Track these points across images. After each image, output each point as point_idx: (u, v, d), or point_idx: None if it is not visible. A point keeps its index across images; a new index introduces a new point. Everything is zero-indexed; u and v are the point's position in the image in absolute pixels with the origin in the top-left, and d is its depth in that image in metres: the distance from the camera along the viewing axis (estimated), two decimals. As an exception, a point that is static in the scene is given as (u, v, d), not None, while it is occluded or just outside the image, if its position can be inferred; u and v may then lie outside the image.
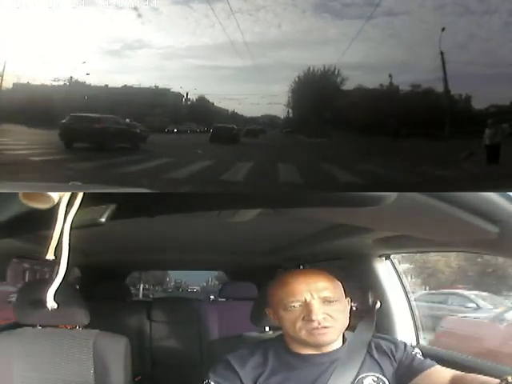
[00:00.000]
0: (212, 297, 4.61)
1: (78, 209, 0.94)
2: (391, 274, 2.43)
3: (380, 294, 2.35)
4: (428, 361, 1.54)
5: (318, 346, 1.51)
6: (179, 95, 12.22)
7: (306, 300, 1.48)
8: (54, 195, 0.91)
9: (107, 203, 1.01)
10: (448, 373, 1.51)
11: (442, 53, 11.09)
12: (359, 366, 1.52)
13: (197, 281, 10.52)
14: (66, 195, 0.93)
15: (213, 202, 1.13)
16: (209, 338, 3.33)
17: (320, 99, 12.28)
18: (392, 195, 1.12)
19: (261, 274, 3.66)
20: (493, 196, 1.27)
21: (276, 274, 3.51)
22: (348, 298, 1.60)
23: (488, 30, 10.09)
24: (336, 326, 1.49)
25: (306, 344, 1.51)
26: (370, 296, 2.32)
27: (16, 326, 2.23)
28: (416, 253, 2.47)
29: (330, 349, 1.53)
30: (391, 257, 2.44)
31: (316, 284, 1.50)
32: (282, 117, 12.98)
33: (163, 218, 1.73)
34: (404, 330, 2.34)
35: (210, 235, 2.50)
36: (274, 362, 1.53)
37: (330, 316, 1.48)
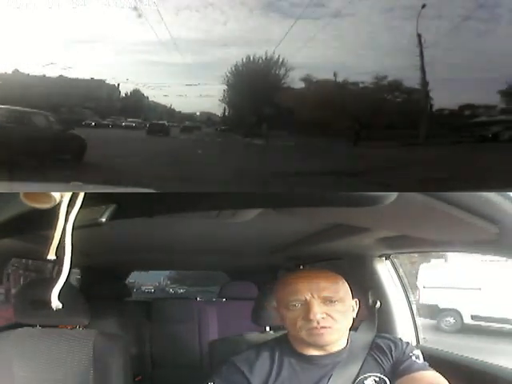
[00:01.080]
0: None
1: (80, 208, 0.94)
2: (391, 274, 2.43)
3: (380, 294, 2.35)
4: (418, 364, 1.51)
5: (317, 345, 1.51)
6: (117, 89, 11.86)
7: (306, 299, 1.48)
8: (56, 195, 0.91)
9: (107, 203, 1.01)
10: (431, 380, 1.48)
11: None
12: (361, 367, 1.52)
13: (150, 280, 10.70)
14: (67, 195, 0.93)
15: (213, 202, 1.13)
16: (209, 338, 3.33)
17: (258, 98, 11.81)
18: (392, 195, 1.12)
19: (261, 274, 3.67)
20: (493, 196, 1.27)
21: (277, 275, 3.52)
22: (356, 299, 1.60)
23: (436, 33, 10.15)
24: (336, 326, 1.49)
25: (307, 343, 1.51)
26: (370, 296, 2.32)
27: (16, 326, 2.23)
28: (416, 253, 2.48)
29: (334, 349, 1.53)
30: (391, 257, 2.45)
31: (317, 284, 1.50)
32: (220, 114, 12.68)
33: (163, 218, 1.74)
34: (404, 330, 2.34)
35: (209, 235, 2.50)
36: (280, 364, 1.53)
37: (330, 316, 1.48)
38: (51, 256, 0.93)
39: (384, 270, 2.42)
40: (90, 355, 2.12)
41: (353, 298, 1.59)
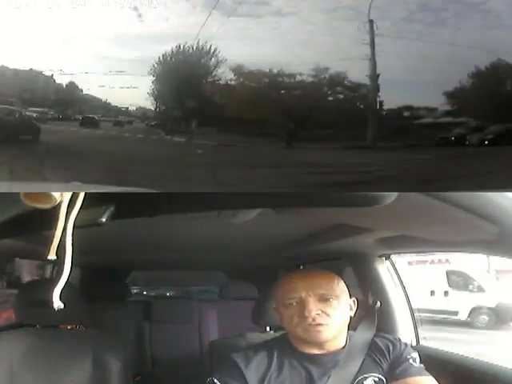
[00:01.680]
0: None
1: (80, 208, 0.94)
2: (391, 273, 2.43)
3: (380, 293, 2.35)
4: (414, 368, 1.51)
5: (314, 342, 1.52)
6: (52, 82, 11.22)
7: (301, 297, 1.51)
8: (56, 195, 0.91)
9: (107, 203, 1.01)
10: None
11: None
12: (360, 367, 1.52)
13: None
14: (68, 195, 0.93)
15: (213, 201, 1.13)
16: (209, 338, 3.33)
17: (185, 92, 11.09)
18: (392, 195, 1.12)
19: (261, 274, 3.66)
20: (493, 196, 1.27)
21: (277, 275, 3.52)
22: (353, 298, 1.62)
23: (378, 35, 9.98)
24: (331, 323, 1.50)
25: (305, 341, 1.52)
26: (370, 296, 2.32)
27: (16, 326, 2.23)
28: (416, 253, 2.48)
29: (333, 348, 1.54)
30: (391, 257, 2.45)
31: (313, 282, 1.53)
32: (152, 109, 12.15)
33: (163, 218, 1.74)
34: (404, 330, 2.34)
35: (210, 235, 2.50)
36: (280, 362, 1.53)
37: (326, 313, 1.50)
38: (52, 256, 0.93)
39: (384, 269, 2.42)
40: (89, 355, 2.12)
41: (350, 296, 1.60)
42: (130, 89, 11.29)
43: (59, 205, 0.92)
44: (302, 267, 3.06)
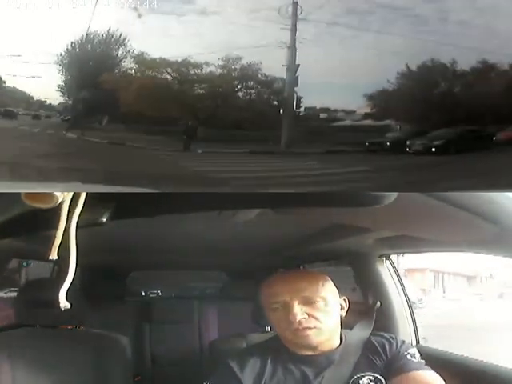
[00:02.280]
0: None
1: (82, 208, 0.94)
2: (391, 273, 2.43)
3: (380, 293, 2.35)
4: (413, 363, 1.50)
5: (304, 346, 1.51)
6: None
7: (285, 301, 1.50)
8: (58, 194, 0.91)
9: (107, 203, 1.01)
10: (426, 380, 1.46)
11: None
12: (355, 366, 1.51)
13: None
14: (69, 195, 0.93)
15: (213, 201, 1.13)
16: (209, 338, 3.33)
17: (92, 87, 10.36)
18: (392, 195, 1.12)
19: (261, 274, 3.66)
20: (493, 196, 1.27)
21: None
22: (344, 298, 1.61)
23: (299, 36, 9.77)
24: (320, 325, 1.49)
25: (295, 344, 1.52)
26: (369, 296, 2.32)
27: (16, 326, 2.23)
28: (416, 253, 2.48)
29: (326, 349, 1.53)
30: (391, 257, 2.45)
31: (296, 285, 1.52)
32: (65, 103, 11.95)
33: (163, 218, 1.74)
34: (404, 330, 2.34)
35: (210, 235, 2.50)
36: (274, 364, 1.53)
37: (312, 316, 1.49)
38: (53, 256, 0.92)
39: (384, 270, 2.42)
40: (89, 355, 2.12)
41: (340, 296, 1.59)
42: (43, 83, 10.78)
43: (60, 205, 0.92)
44: (302, 267, 3.06)
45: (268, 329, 2.28)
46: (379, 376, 1.50)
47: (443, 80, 12.00)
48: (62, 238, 0.92)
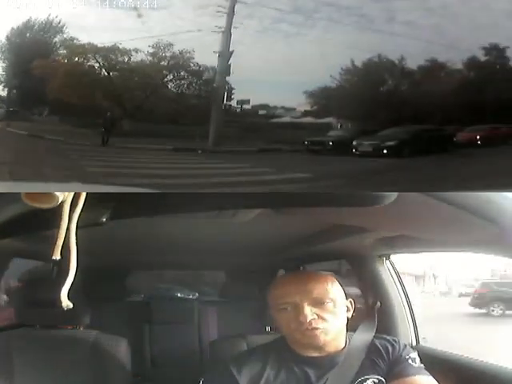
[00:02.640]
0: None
1: (82, 208, 0.94)
2: (391, 273, 2.43)
3: (380, 294, 2.35)
4: (413, 368, 1.50)
5: (312, 346, 1.51)
6: None
7: (295, 302, 1.50)
8: (59, 194, 0.91)
9: (107, 203, 1.01)
10: None
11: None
12: (359, 368, 1.51)
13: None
14: (70, 195, 0.93)
15: (213, 201, 1.13)
16: (209, 338, 3.33)
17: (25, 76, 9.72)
18: (392, 195, 1.12)
19: (261, 275, 3.66)
20: (493, 196, 1.27)
21: (277, 275, 3.52)
22: (350, 299, 1.61)
23: (245, 33, 9.73)
24: (328, 326, 1.49)
25: (302, 345, 1.52)
26: (369, 296, 2.32)
27: (16, 326, 2.23)
28: (416, 253, 2.48)
29: (332, 350, 1.53)
30: (391, 257, 2.45)
31: (306, 285, 1.52)
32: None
33: (163, 218, 1.74)
34: (404, 330, 2.34)
35: (210, 235, 2.50)
36: (276, 365, 1.53)
37: (321, 317, 1.49)
38: (56, 256, 0.92)
39: (384, 270, 2.42)
40: (89, 355, 2.12)
41: (346, 298, 1.59)
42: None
43: (61, 205, 0.92)
44: (301, 267, 3.06)
45: (268, 329, 2.28)
46: (382, 378, 1.50)
47: (390, 77, 11.66)
48: (64, 237, 0.92)
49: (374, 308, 1.79)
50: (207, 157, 7.97)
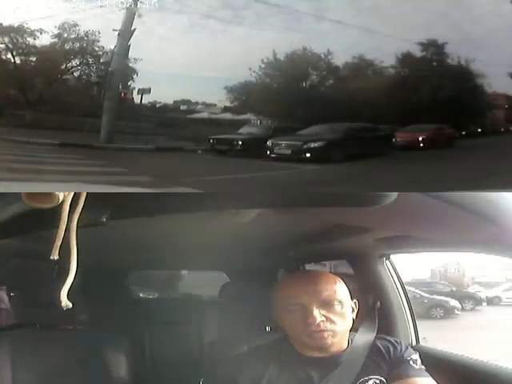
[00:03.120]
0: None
1: (83, 208, 0.94)
2: (391, 273, 2.43)
3: (380, 294, 2.35)
4: (414, 369, 1.50)
5: (318, 347, 1.51)
6: None
7: (304, 303, 1.48)
8: (58, 195, 0.91)
9: (107, 203, 1.01)
10: None
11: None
12: (361, 369, 1.51)
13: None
14: (70, 195, 0.93)
15: (213, 202, 1.13)
16: (209, 338, 3.33)
17: None
18: (392, 195, 1.12)
19: (261, 275, 3.66)
20: (493, 196, 1.27)
21: (277, 275, 3.52)
22: (355, 300, 1.60)
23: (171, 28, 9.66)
24: (336, 329, 1.49)
25: (308, 346, 1.51)
26: (369, 296, 2.32)
27: (16, 326, 2.23)
28: (416, 253, 2.48)
29: (335, 351, 1.53)
30: (391, 257, 2.44)
31: (316, 286, 1.51)
32: None
33: (163, 218, 1.74)
34: (404, 330, 2.34)
35: (210, 235, 2.50)
36: (277, 365, 1.52)
37: (330, 319, 1.48)
38: (55, 256, 0.92)
39: (384, 270, 2.42)
40: (90, 355, 2.12)
41: (352, 298, 1.59)
42: None
43: (61, 204, 0.92)
44: (302, 268, 3.06)
45: (268, 329, 2.28)
46: (383, 379, 1.50)
47: (315, 71, 11.25)
48: (63, 237, 0.92)
49: (374, 308, 1.79)
50: (91, 154, 6.97)
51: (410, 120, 10.49)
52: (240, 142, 7.82)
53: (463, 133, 12.47)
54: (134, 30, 7.83)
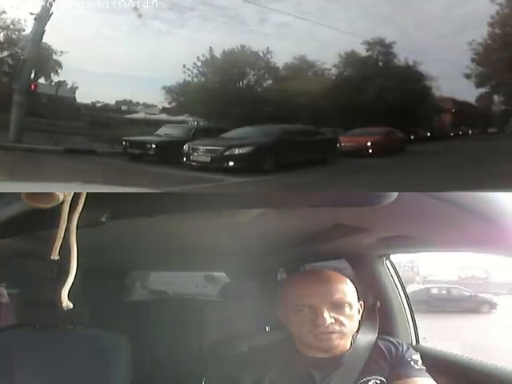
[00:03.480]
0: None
1: (83, 208, 0.94)
2: (391, 273, 2.43)
3: (380, 294, 2.35)
4: (415, 370, 1.50)
5: (323, 349, 1.50)
6: None
7: (314, 303, 1.47)
8: (58, 195, 0.91)
9: (107, 203, 1.01)
10: None
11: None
12: (362, 369, 1.51)
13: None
14: (70, 195, 0.93)
15: (213, 201, 1.13)
16: (209, 338, 3.33)
17: None
18: (392, 195, 1.12)
19: (261, 275, 3.66)
20: (493, 196, 1.27)
21: (277, 275, 3.52)
22: (361, 302, 1.59)
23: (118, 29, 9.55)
24: (344, 330, 1.48)
25: (313, 347, 1.50)
26: (370, 296, 2.32)
27: (16, 326, 2.23)
28: (416, 253, 2.48)
29: (338, 351, 1.52)
30: (391, 257, 2.44)
31: (325, 287, 1.49)
32: None
33: (163, 218, 1.74)
34: (404, 330, 2.34)
35: (210, 235, 2.50)
36: (278, 366, 1.52)
37: (339, 321, 1.47)
38: (55, 256, 0.92)
39: (384, 270, 2.42)
40: (89, 355, 2.12)
41: (358, 300, 1.58)
42: None
43: (61, 205, 0.92)
44: (302, 268, 3.06)
45: (268, 329, 2.28)
46: (384, 380, 1.50)
47: (252, 72, 10.90)
48: (63, 237, 0.92)
49: (374, 308, 1.79)
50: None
51: (354, 123, 9.89)
52: (153, 146, 6.81)
53: (412, 137, 12.00)
54: (52, 13, 7.21)
